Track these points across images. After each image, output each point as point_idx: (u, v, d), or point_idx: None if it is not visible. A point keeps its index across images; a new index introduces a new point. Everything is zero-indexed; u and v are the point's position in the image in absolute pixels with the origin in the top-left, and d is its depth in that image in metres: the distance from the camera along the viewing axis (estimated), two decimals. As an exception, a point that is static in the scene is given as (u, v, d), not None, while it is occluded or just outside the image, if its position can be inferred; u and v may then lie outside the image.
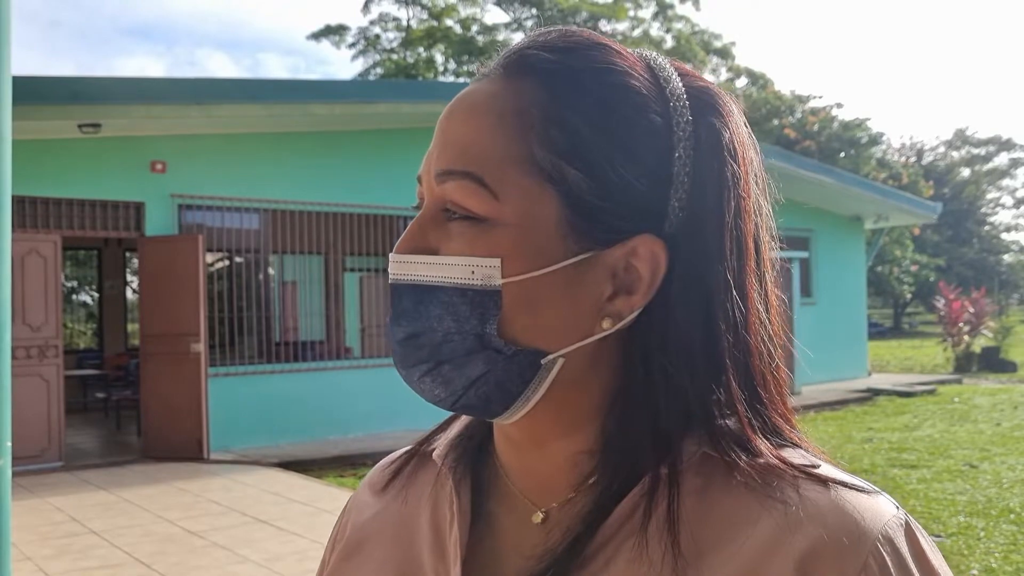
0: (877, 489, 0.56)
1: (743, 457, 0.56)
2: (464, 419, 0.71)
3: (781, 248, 0.64)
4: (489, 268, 0.56)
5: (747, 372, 0.58)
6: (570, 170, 0.56)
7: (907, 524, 0.54)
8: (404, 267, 0.59)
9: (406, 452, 0.74)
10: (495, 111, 0.58)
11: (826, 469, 0.56)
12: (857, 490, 0.55)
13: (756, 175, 0.61)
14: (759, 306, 0.59)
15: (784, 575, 0.51)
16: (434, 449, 0.71)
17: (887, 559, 0.51)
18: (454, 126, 0.59)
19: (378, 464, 0.76)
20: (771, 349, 0.60)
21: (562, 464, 0.61)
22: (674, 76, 0.60)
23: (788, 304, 0.63)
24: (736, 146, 0.59)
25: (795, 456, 0.57)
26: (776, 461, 0.56)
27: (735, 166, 0.58)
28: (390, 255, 0.60)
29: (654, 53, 0.62)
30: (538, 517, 0.62)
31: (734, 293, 0.57)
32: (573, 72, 0.58)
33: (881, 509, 0.54)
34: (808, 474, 0.55)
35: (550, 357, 0.57)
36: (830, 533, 0.52)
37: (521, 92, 0.58)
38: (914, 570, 0.52)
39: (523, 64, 0.59)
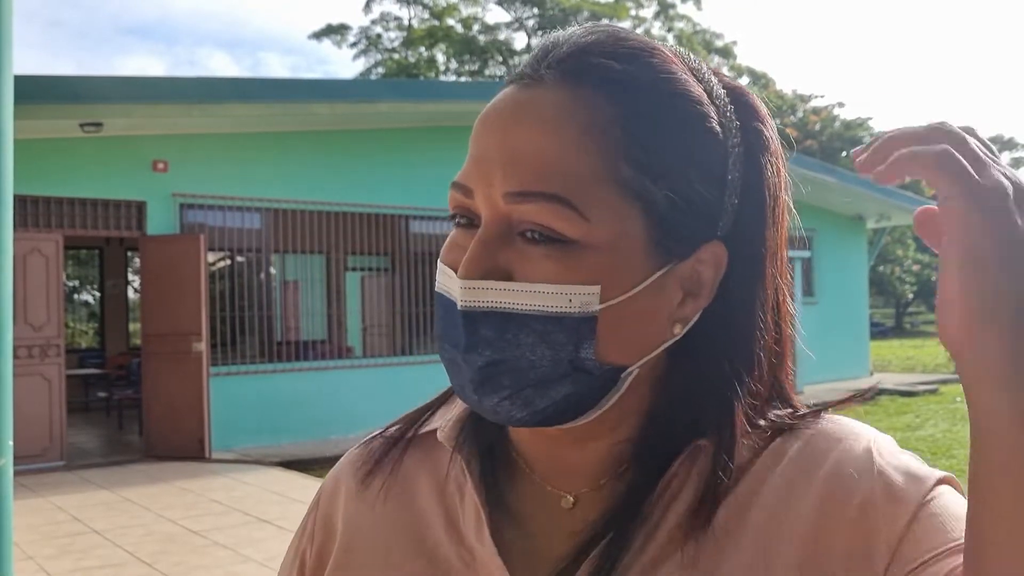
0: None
1: (760, 425, 0.61)
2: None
3: (797, 248, 0.67)
4: (588, 295, 0.54)
5: (773, 361, 0.63)
6: (655, 188, 0.56)
7: (878, 432, 0.63)
8: (479, 293, 0.55)
9: (394, 434, 0.71)
10: (573, 125, 0.55)
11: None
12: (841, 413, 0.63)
13: (787, 175, 0.64)
14: (789, 302, 0.64)
15: (811, 496, 0.57)
16: (432, 431, 0.69)
17: (883, 447, 0.60)
18: (522, 138, 0.55)
19: (360, 448, 0.73)
20: (792, 341, 0.66)
21: (597, 455, 0.62)
22: (714, 79, 0.61)
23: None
24: (775, 147, 0.62)
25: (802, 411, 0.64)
26: (788, 421, 0.62)
27: (775, 166, 0.62)
28: (458, 281, 0.56)
29: (685, 51, 0.62)
30: (568, 502, 0.62)
31: (778, 286, 0.63)
32: (642, 84, 0.57)
33: (862, 426, 0.63)
34: (809, 410, 0.63)
35: (630, 370, 0.58)
36: (839, 452, 0.59)
37: (596, 106, 0.55)
38: (900, 454, 0.60)
39: (587, 71, 0.56)
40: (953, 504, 0.55)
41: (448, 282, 0.58)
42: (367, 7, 30.50)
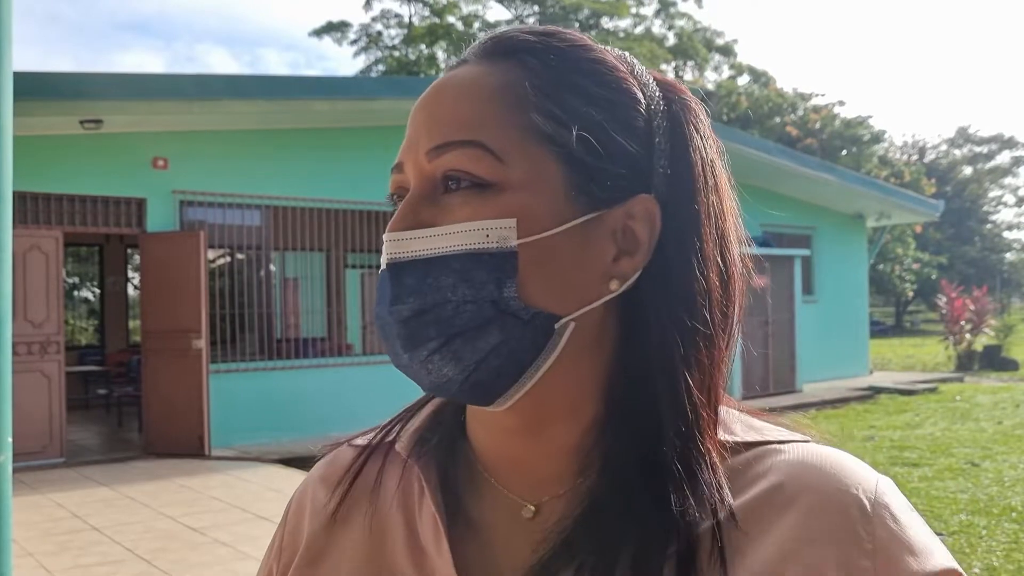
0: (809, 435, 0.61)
1: (728, 438, 0.59)
2: (428, 410, 0.68)
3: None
4: (504, 229, 0.55)
5: (720, 337, 0.60)
6: (569, 134, 0.57)
7: (885, 481, 0.58)
8: (403, 244, 0.57)
9: (362, 445, 0.70)
10: (487, 87, 0.58)
11: (782, 433, 0.60)
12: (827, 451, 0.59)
13: (726, 166, 0.64)
14: (739, 270, 0.62)
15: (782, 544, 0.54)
16: (396, 441, 0.67)
17: (886, 519, 0.55)
18: (443, 106, 0.59)
19: (327, 458, 0.72)
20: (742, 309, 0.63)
21: (555, 453, 0.60)
22: (644, 69, 0.63)
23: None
24: (705, 127, 0.62)
25: (769, 428, 0.61)
26: (759, 437, 0.60)
27: (707, 142, 0.62)
28: (384, 237, 0.58)
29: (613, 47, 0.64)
30: (529, 512, 0.60)
31: (723, 250, 0.60)
32: (557, 49, 0.60)
33: (862, 473, 0.57)
34: (783, 442, 0.59)
35: (563, 320, 0.57)
36: (828, 515, 0.55)
37: (508, 69, 0.59)
38: (906, 524, 0.56)
39: (507, 46, 0.61)
40: None
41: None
42: (367, 4, 30.49)
